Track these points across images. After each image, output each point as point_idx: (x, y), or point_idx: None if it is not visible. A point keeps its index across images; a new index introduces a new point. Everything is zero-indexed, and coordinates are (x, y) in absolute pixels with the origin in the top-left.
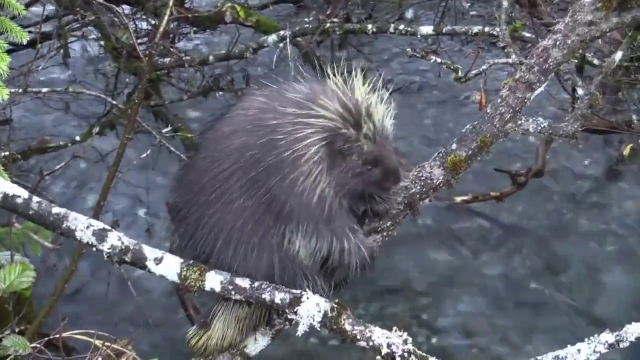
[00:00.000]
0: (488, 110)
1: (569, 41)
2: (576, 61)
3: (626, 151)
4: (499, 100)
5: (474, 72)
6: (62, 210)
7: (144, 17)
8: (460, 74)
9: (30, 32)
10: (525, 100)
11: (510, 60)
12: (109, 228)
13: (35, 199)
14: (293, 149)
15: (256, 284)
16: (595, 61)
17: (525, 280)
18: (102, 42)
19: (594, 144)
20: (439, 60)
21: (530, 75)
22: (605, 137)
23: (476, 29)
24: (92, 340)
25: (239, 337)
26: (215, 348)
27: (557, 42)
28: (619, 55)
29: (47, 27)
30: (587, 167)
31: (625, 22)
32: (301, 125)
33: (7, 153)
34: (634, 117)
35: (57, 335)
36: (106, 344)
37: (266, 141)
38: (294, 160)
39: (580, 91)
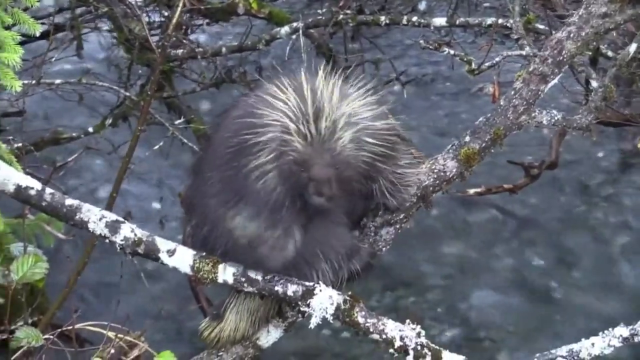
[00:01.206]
0: (501, 103)
1: (583, 33)
2: (590, 53)
3: None
4: (512, 92)
5: (487, 64)
6: (75, 202)
7: (156, 8)
8: (473, 65)
9: (43, 23)
10: (539, 92)
11: (524, 53)
12: (122, 220)
13: (49, 190)
14: (257, 132)
15: (269, 276)
16: (610, 53)
17: (539, 273)
18: (115, 34)
19: (608, 136)
20: (452, 52)
21: (544, 68)
22: (618, 130)
23: (489, 20)
24: (104, 332)
25: (252, 329)
26: (227, 340)
27: (571, 34)
28: (633, 47)
29: (60, 19)
30: (601, 159)
31: (639, 14)
32: (268, 112)
33: (20, 144)
34: None
35: (70, 327)
36: (119, 335)
37: (241, 124)
38: (254, 145)
39: (594, 83)
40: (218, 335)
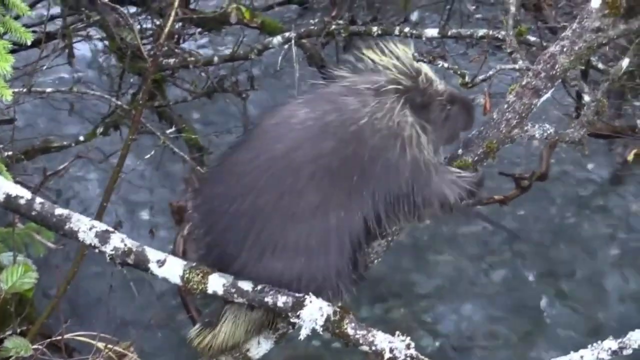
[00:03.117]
0: (494, 116)
1: (576, 48)
2: (582, 67)
3: (630, 156)
4: (505, 106)
5: (480, 77)
6: (65, 212)
7: (148, 17)
8: (467, 79)
9: (34, 31)
10: (532, 106)
11: (517, 66)
12: (112, 230)
13: (38, 199)
14: (393, 135)
15: (259, 287)
16: (600, 66)
17: (528, 284)
18: (106, 43)
19: (598, 148)
20: (446, 65)
21: (537, 82)
22: (609, 142)
23: (481, 32)
24: (94, 342)
25: (245, 337)
26: (220, 348)
27: (565, 49)
28: (625, 62)
29: (51, 27)
30: (591, 171)
31: (632, 29)
32: (381, 111)
33: (10, 153)
34: (639, 122)
35: (59, 337)
36: (108, 346)
37: (358, 143)
38: (402, 147)
39: (586, 97)
40: (211, 343)
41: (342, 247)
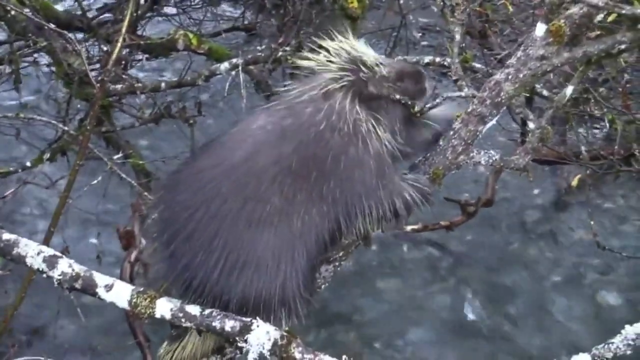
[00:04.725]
0: (440, 143)
1: (521, 75)
2: (527, 95)
3: (574, 182)
4: (451, 132)
5: (428, 105)
6: (13, 237)
7: (96, 43)
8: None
9: None
10: (477, 133)
11: (463, 94)
12: (60, 255)
13: None
14: (352, 133)
15: (206, 311)
16: (545, 92)
17: (474, 309)
18: (53, 68)
19: (543, 174)
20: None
21: (483, 109)
22: (554, 167)
23: (427, 59)
24: None
25: (214, 345)
26: (191, 357)
27: (510, 76)
28: (569, 89)
29: None
30: (536, 197)
31: (576, 57)
32: (335, 114)
33: None
34: (583, 148)
35: None
36: None
37: (319, 145)
38: (363, 141)
39: (531, 125)
40: (180, 355)
41: (307, 252)
